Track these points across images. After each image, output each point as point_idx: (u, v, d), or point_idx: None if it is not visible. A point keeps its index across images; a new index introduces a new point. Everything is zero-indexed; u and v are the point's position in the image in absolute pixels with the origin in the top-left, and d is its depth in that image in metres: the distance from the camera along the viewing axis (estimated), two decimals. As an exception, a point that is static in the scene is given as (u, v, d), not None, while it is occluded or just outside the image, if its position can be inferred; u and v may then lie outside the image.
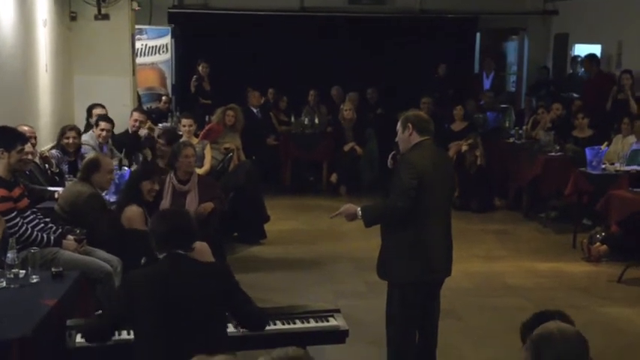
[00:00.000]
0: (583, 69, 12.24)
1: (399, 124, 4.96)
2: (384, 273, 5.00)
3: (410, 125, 4.87)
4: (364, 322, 5.97)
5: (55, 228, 5.63)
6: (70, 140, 7.68)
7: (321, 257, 8.26)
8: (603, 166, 8.60)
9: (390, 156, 5.15)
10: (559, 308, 5.71)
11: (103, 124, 8.14)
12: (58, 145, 7.72)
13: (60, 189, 6.65)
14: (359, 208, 4.91)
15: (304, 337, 4.36)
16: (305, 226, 9.66)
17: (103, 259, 5.59)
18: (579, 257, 8.28)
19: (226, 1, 13.41)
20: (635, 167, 8.41)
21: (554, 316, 3.04)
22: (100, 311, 4.94)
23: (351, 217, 4.96)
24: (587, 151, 8.65)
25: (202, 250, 5.38)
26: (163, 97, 12.12)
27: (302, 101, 12.35)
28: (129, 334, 3.98)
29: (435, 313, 5.10)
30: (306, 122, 11.66)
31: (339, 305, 4.81)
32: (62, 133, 7.75)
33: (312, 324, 4.43)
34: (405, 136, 4.90)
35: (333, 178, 11.47)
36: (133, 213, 6.04)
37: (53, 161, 7.35)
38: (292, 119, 11.90)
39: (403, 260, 4.84)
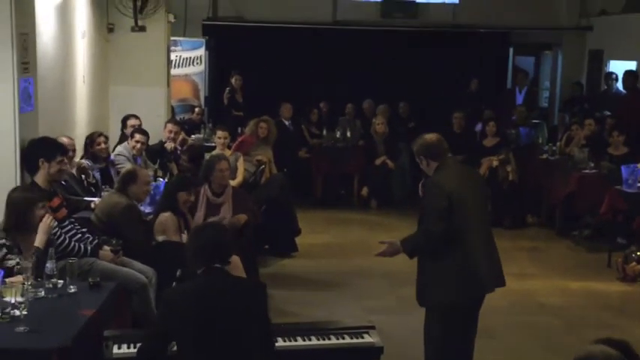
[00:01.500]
0: (617, 85, 12.14)
1: (416, 157, 5.00)
2: (424, 298, 4.92)
3: (422, 157, 4.92)
4: (396, 338, 5.94)
5: (91, 238, 5.69)
6: (102, 146, 7.77)
7: (352, 271, 8.25)
8: (639, 184, 8.51)
9: (420, 184, 5.15)
10: (592, 328, 5.63)
11: (138, 137, 8.21)
12: (87, 153, 7.79)
13: (96, 199, 6.72)
14: (399, 242, 4.88)
15: (339, 353, 4.37)
16: (336, 239, 9.66)
17: (138, 271, 5.64)
18: (614, 277, 8.18)
19: (260, 13, 13.51)
20: (671, 186, 8.31)
21: (619, 344, 2.92)
22: (137, 324, 4.98)
23: (395, 252, 4.92)
24: (623, 169, 8.56)
25: (235, 263, 5.40)
26: (196, 109, 12.22)
27: (334, 114, 12.37)
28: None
29: (473, 334, 5.06)
30: (338, 135, 11.68)
31: (372, 321, 4.80)
32: (91, 141, 7.83)
33: (347, 340, 4.43)
34: (425, 166, 4.96)
35: (364, 191, 11.47)
36: (166, 219, 6.12)
37: (90, 172, 7.44)
38: (324, 132, 11.93)
39: (445, 284, 4.76)
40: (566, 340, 6.20)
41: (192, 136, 11.03)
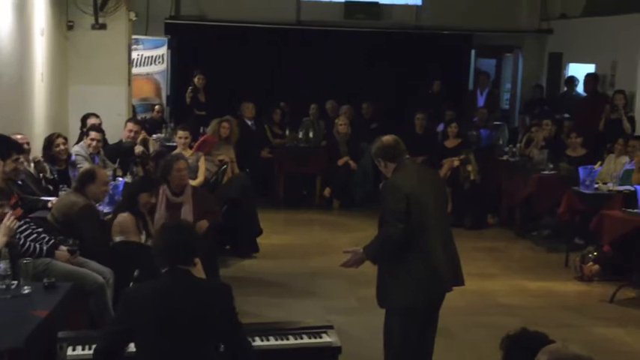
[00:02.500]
0: (577, 89, 12.31)
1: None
2: (384, 299, 4.92)
3: (380, 159, 4.95)
4: (355, 338, 5.96)
5: (47, 238, 5.60)
6: (62, 147, 7.67)
7: (313, 272, 8.24)
8: (596, 185, 8.63)
9: (381, 186, 5.16)
10: (551, 327, 5.74)
11: (93, 134, 8.10)
12: (47, 156, 7.67)
13: (53, 199, 6.62)
14: (362, 249, 4.88)
15: (297, 353, 4.36)
16: (298, 239, 9.65)
17: (95, 271, 5.57)
18: (571, 276, 8.28)
19: (223, 12, 13.44)
20: (627, 187, 8.42)
21: (540, 338, 3.03)
22: (94, 325, 4.92)
23: (360, 261, 4.90)
24: (581, 171, 8.67)
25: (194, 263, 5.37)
26: (156, 107, 12.10)
27: (297, 114, 12.36)
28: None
29: (432, 334, 5.08)
30: (300, 136, 11.68)
31: (330, 321, 4.80)
32: (50, 143, 7.72)
33: (306, 340, 4.42)
34: (383, 168, 4.99)
35: (327, 192, 11.48)
36: (124, 219, 6.06)
37: (47, 167, 7.32)
38: (287, 132, 11.91)
39: (404, 284, 4.77)
40: (525, 340, 6.25)
41: (154, 135, 10.93)
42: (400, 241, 4.69)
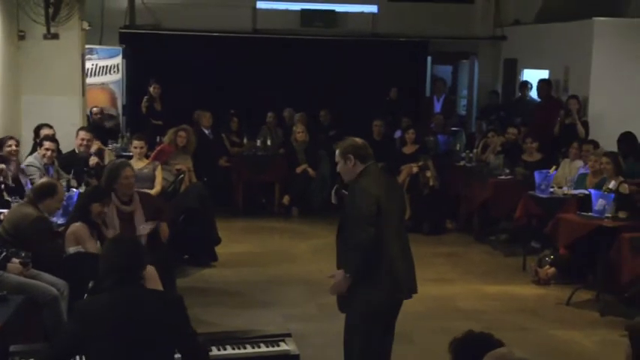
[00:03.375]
0: (531, 94, 12.46)
1: (337, 155, 4.91)
2: (346, 305, 4.89)
3: (351, 156, 4.85)
4: (315, 346, 5.94)
5: (-1, 251, 5.49)
6: (13, 148, 7.55)
7: (272, 280, 8.21)
8: (552, 189, 8.73)
9: (332, 192, 5.10)
10: (509, 331, 5.79)
11: (47, 144, 8.00)
12: None
13: (5, 211, 6.49)
14: (342, 270, 4.79)
15: (255, 362, 4.31)
16: (257, 248, 9.60)
17: (49, 283, 5.47)
18: (529, 280, 8.36)
19: (178, 22, 13.36)
20: (582, 191, 8.53)
21: (486, 338, 3.07)
22: (48, 338, 4.82)
23: (345, 283, 4.77)
24: (536, 175, 8.77)
25: (150, 274, 5.29)
26: (94, 109, 11.70)
27: (255, 123, 12.32)
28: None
29: (391, 339, 5.07)
30: (258, 144, 11.64)
31: (290, 329, 4.77)
32: (1, 144, 7.59)
33: (263, 349, 4.38)
34: (349, 167, 4.87)
35: (286, 200, 11.45)
36: (77, 229, 5.98)
37: (8, 173, 7.19)
38: (245, 141, 11.86)
39: (368, 290, 4.74)
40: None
41: (109, 145, 10.80)
42: (370, 245, 4.65)
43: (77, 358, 3.88)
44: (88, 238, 5.97)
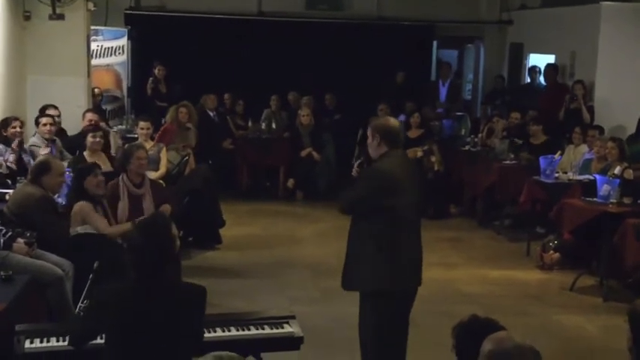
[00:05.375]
0: (540, 79, 12.41)
1: (368, 130, 4.89)
2: (349, 283, 4.90)
3: (378, 136, 4.79)
4: (319, 328, 5.95)
5: (4, 231, 5.50)
6: (17, 129, 7.55)
7: (276, 263, 8.22)
8: (556, 175, 8.71)
9: (356, 164, 5.11)
10: (511, 315, 5.79)
11: (44, 120, 8.04)
12: (0, 138, 7.54)
13: (10, 191, 6.50)
14: None
15: (259, 343, 4.33)
16: (261, 231, 9.61)
17: (54, 263, 5.48)
18: (532, 265, 8.37)
19: (184, 3, 13.31)
20: (587, 176, 8.52)
21: (490, 324, 3.07)
22: (53, 318, 4.84)
23: None
24: (541, 160, 8.75)
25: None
26: (95, 90, 11.69)
27: (259, 106, 12.30)
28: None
29: (406, 325, 5.05)
30: (263, 127, 11.63)
31: (293, 311, 4.78)
32: (5, 125, 7.59)
33: (267, 330, 4.40)
34: (375, 145, 4.83)
35: (290, 183, 11.45)
36: (80, 207, 6.00)
37: (3, 163, 7.19)
38: (250, 123, 11.85)
39: (373, 267, 4.74)
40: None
41: (115, 127, 10.81)
42: (345, 213, 4.92)
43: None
44: (93, 215, 5.99)
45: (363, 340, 4.98)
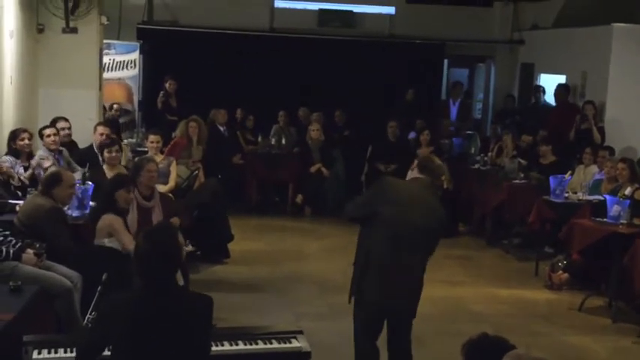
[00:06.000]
0: (545, 98, 12.42)
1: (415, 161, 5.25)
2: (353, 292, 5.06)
3: (421, 171, 5.08)
4: (326, 344, 5.94)
5: (14, 241, 5.52)
6: (26, 142, 7.59)
7: (284, 278, 8.22)
8: (566, 194, 8.70)
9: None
10: (520, 335, 5.76)
11: (47, 131, 8.04)
12: (10, 150, 7.58)
13: (21, 202, 6.53)
14: None
15: (266, 358, 4.33)
16: (269, 246, 9.61)
17: (62, 274, 5.50)
18: (541, 285, 8.34)
19: (196, 18, 13.39)
20: (597, 197, 8.50)
21: (500, 343, 3.05)
22: (61, 329, 4.84)
23: None
24: (551, 180, 8.74)
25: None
26: (115, 106, 11.85)
27: (269, 121, 12.34)
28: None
29: (396, 339, 5.09)
30: (273, 142, 11.65)
31: (301, 327, 4.77)
32: (14, 137, 7.63)
33: (275, 345, 4.39)
34: (413, 174, 5.12)
35: (299, 199, 11.45)
36: (111, 221, 5.94)
37: (14, 173, 7.22)
38: (259, 139, 11.88)
39: (354, 274, 4.97)
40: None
41: (125, 140, 10.85)
42: (348, 218, 5.12)
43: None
44: (123, 231, 5.94)
45: None
